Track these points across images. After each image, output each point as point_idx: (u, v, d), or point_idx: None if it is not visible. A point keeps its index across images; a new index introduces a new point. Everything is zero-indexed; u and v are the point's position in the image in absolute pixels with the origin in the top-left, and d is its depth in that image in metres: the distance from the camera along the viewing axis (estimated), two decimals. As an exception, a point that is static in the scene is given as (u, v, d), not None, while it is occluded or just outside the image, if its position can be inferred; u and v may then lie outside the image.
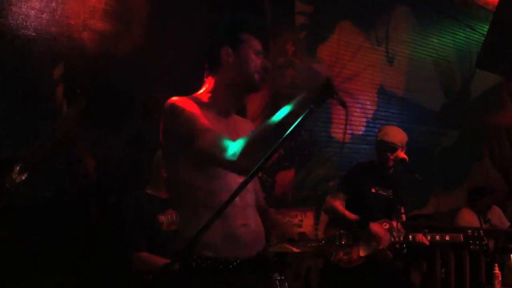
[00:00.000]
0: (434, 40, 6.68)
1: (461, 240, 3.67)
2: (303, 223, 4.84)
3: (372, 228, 3.56)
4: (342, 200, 3.75)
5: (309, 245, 3.81)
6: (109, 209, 3.37)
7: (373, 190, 3.75)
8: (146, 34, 3.65)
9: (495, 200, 5.62)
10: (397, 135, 3.74)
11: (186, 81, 2.13)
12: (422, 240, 3.61)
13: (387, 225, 3.67)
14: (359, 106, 5.68)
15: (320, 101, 1.54)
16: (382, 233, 3.57)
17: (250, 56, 1.94)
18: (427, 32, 6.56)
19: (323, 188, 4.94)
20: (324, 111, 5.12)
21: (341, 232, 3.66)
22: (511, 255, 4.04)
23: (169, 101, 1.85)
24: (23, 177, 2.43)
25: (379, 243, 3.56)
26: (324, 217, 4.05)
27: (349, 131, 5.55)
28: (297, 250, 3.58)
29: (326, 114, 5.22)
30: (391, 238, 3.61)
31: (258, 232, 1.98)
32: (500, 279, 3.79)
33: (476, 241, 3.64)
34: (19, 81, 3.13)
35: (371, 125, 5.71)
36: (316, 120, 5.09)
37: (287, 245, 3.56)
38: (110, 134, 3.45)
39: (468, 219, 5.18)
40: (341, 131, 5.41)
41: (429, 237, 3.63)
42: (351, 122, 5.58)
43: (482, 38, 5.78)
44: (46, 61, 3.23)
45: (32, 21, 3.22)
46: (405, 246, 3.64)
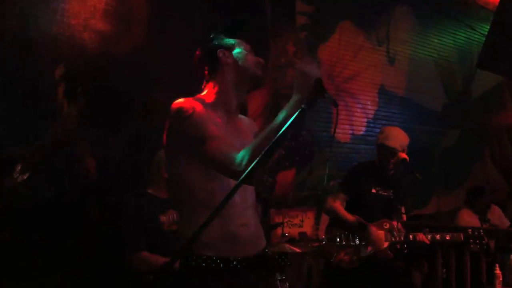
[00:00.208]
0: (435, 40, 6.68)
1: (462, 240, 3.66)
2: (304, 223, 4.84)
3: (370, 232, 3.56)
4: (343, 201, 3.75)
5: (310, 245, 3.81)
6: (109, 209, 3.37)
7: (374, 190, 3.75)
8: (147, 34, 3.66)
9: (494, 200, 5.61)
10: (398, 139, 3.73)
11: (186, 81, 2.13)
12: (423, 240, 3.60)
13: (388, 225, 3.66)
14: (360, 106, 5.68)
15: (312, 102, 1.62)
16: (377, 239, 3.57)
17: (245, 54, 2.00)
18: (428, 32, 6.57)
19: (324, 188, 4.93)
20: (325, 111, 5.11)
21: (342, 233, 3.66)
22: (512, 255, 4.03)
23: (176, 103, 1.87)
24: (25, 177, 2.43)
25: (373, 248, 3.56)
26: (325, 217, 4.04)
27: (350, 131, 5.55)
28: (298, 250, 3.60)
29: (327, 114, 5.21)
30: (391, 239, 3.60)
31: (258, 232, 1.98)
32: (501, 279, 3.78)
33: (477, 241, 3.63)
34: (20, 81, 3.13)
35: (372, 125, 5.71)
36: (317, 120, 5.09)
37: (288, 245, 3.57)
38: (110, 134, 3.46)
39: (468, 220, 5.17)
40: (342, 131, 5.41)
41: (430, 237, 3.63)
42: (352, 122, 5.58)
43: (483, 38, 5.76)
44: (47, 61, 3.23)
45: (33, 21, 3.22)
46: (406, 246, 3.64)
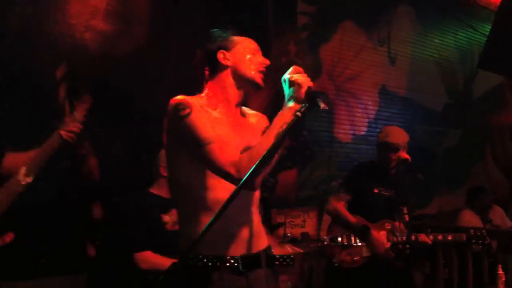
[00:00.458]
0: (436, 40, 6.68)
1: (464, 240, 3.65)
2: (306, 224, 4.84)
3: (371, 237, 3.54)
4: (344, 201, 3.74)
5: (312, 245, 3.81)
6: (112, 209, 3.37)
7: (376, 190, 3.73)
8: (147, 35, 3.66)
9: (496, 200, 5.61)
10: (399, 136, 3.73)
11: (187, 81, 2.13)
12: (425, 240, 3.59)
13: (390, 226, 3.65)
14: (361, 106, 5.67)
15: (305, 110, 1.69)
16: (378, 243, 3.56)
17: (246, 56, 1.96)
18: (429, 32, 6.57)
19: (326, 188, 4.93)
20: (326, 112, 5.11)
21: (344, 233, 3.65)
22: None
23: (174, 100, 1.84)
24: (29, 180, 2.41)
25: (373, 250, 3.55)
26: (328, 217, 4.03)
27: (351, 131, 5.55)
28: (300, 250, 3.60)
29: (328, 115, 5.21)
30: (393, 239, 3.59)
31: (259, 231, 1.97)
32: (504, 280, 3.77)
33: (479, 241, 3.62)
34: (21, 82, 3.13)
35: (373, 125, 5.71)
36: (318, 120, 5.09)
37: (290, 245, 3.57)
38: (112, 134, 3.45)
39: (470, 220, 5.17)
40: (343, 132, 5.40)
41: (432, 237, 3.62)
42: (353, 122, 5.58)
43: (484, 39, 5.77)
44: (48, 62, 3.22)
45: (35, 22, 3.22)
46: (408, 247, 3.63)
